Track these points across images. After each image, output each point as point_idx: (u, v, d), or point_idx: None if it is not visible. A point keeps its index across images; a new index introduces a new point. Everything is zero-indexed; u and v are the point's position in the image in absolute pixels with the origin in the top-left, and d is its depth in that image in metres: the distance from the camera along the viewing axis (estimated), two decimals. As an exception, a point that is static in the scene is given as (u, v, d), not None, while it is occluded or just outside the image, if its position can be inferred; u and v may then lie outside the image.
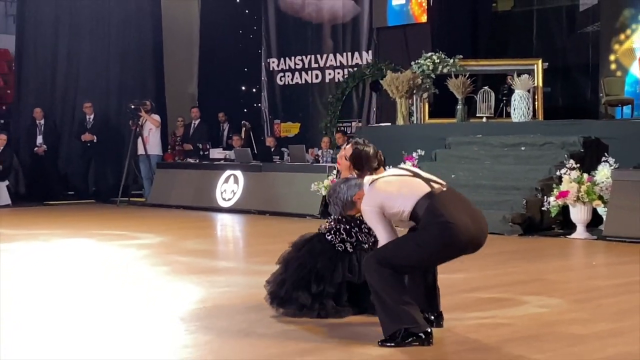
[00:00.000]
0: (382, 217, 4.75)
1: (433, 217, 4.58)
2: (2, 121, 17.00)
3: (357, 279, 5.34)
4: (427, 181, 4.75)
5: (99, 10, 16.40)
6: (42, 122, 15.76)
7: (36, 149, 15.70)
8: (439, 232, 4.56)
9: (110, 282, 7.03)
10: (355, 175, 5.24)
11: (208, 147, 15.68)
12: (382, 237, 4.77)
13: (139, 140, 15.18)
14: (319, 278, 5.38)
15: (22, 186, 15.46)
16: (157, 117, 15.50)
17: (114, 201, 15.15)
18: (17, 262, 8.25)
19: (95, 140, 15.73)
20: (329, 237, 5.47)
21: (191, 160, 15.36)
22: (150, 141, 15.29)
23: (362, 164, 5.22)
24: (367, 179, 4.89)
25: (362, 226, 5.43)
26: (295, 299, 5.38)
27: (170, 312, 5.71)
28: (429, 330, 4.70)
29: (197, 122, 16.25)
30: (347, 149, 5.40)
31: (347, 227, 5.45)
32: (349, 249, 5.43)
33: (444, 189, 4.74)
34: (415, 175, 4.83)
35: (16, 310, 5.88)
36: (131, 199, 15.38)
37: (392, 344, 4.63)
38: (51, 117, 16.00)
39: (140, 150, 15.25)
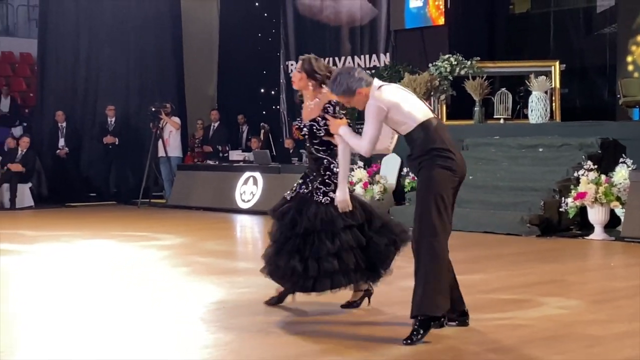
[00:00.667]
0: (383, 117, 4.91)
1: (433, 144, 4.83)
2: (25, 124, 17.19)
3: (355, 220, 5.46)
4: (430, 109, 5.04)
5: (120, 14, 16.50)
6: (64, 124, 15.90)
7: (58, 151, 15.85)
8: (440, 161, 4.80)
9: (131, 283, 7.11)
10: (312, 87, 5.52)
11: (227, 149, 15.77)
12: (369, 134, 4.94)
13: (160, 142, 15.29)
14: (330, 235, 5.43)
15: (44, 188, 15.64)
16: (177, 120, 15.60)
17: (134, 203, 15.26)
18: (40, 263, 8.35)
19: (116, 143, 15.87)
20: (316, 199, 5.53)
21: (211, 162, 15.45)
22: (171, 143, 15.39)
23: (315, 70, 5.53)
24: (377, 81, 5.02)
25: (332, 166, 5.56)
26: (324, 273, 5.40)
27: (190, 313, 5.76)
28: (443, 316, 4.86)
29: (216, 124, 16.35)
30: (298, 65, 5.66)
31: (321, 178, 5.55)
32: (333, 196, 5.51)
33: (438, 118, 5.05)
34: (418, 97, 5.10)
35: (42, 312, 5.96)
36: (152, 200, 15.47)
37: (414, 340, 4.72)
38: (73, 120, 16.13)
39: (161, 153, 15.35)
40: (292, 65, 17.62)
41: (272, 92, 18.07)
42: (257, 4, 18.06)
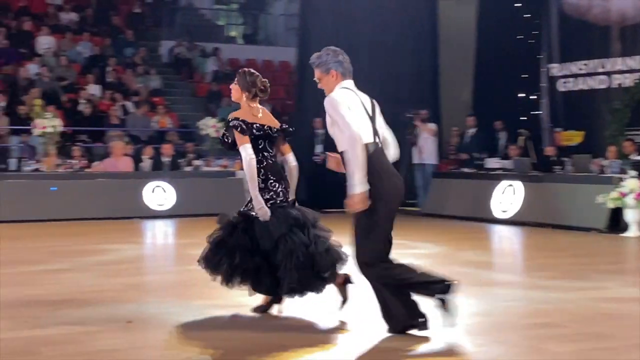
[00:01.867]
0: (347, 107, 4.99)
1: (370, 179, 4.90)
2: (284, 131, 17.69)
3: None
4: (375, 132, 5.10)
5: (377, 21, 16.51)
6: (322, 131, 16.15)
7: (315, 157, 16.14)
8: (371, 190, 4.87)
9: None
10: (245, 99, 5.74)
11: (484, 156, 15.25)
12: (347, 121, 4.93)
13: (415, 149, 15.18)
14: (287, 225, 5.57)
15: (302, 193, 15.91)
16: (432, 126, 15.41)
17: (389, 210, 15.14)
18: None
19: (374, 150, 15.88)
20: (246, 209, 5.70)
21: (466, 170, 15.03)
22: (426, 150, 15.25)
23: (248, 83, 5.75)
24: (349, 83, 5.19)
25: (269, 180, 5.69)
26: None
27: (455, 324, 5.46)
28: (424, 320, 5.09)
29: (472, 130, 15.89)
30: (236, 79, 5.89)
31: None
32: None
33: (379, 144, 5.09)
34: (370, 117, 5.13)
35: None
36: (405, 207, 15.33)
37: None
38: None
39: (416, 159, 15.24)
40: (554, 68, 16.75)
41: (533, 97, 17.27)
42: (517, 4, 17.36)
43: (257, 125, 5.70)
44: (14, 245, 10.35)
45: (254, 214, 5.60)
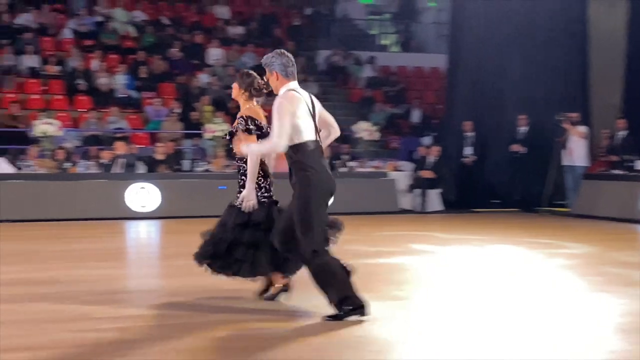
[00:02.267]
0: (288, 114, 5.45)
1: (305, 166, 5.51)
2: (436, 134, 18.21)
3: (244, 219, 6.12)
4: (316, 130, 5.62)
5: (527, 25, 16.66)
6: (471, 134, 16.56)
7: (465, 159, 16.57)
8: (313, 181, 5.50)
9: (541, 287, 7.26)
10: (243, 98, 6.20)
11: (635, 158, 15.25)
12: (276, 129, 5.43)
13: (565, 151, 15.32)
14: (229, 230, 6.12)
15: (452, 194, 16.47)
16: (583, 129, 15.45)
17: (537, 210, 15.38)
18: (454, 263, 8.79)
19: (524, 152, 16.15)
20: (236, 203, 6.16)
21: (617, 172, 15.08)
22: (576, 152, 15.31)
23: (245, 84, 6.22)
24: (295, 85, 5.65)
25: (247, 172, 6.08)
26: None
27: (604, 321, 5.74)
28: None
29: (623, 133, 15.86)
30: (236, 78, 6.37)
31: (241, 182, 6.16)
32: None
33: (319, 142, 5.65)
34: (311, 116, 5.61)
35: (453, 310, 6.34)
36: (555, 209, 15.49)
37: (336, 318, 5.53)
38: (479, 129, 16.66)
39: (566, 161, 15.38)
40: None
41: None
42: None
43: (261, 123, 6.20)
44: (184, 240, 11.20)
45: (237, 203, 6.13)
